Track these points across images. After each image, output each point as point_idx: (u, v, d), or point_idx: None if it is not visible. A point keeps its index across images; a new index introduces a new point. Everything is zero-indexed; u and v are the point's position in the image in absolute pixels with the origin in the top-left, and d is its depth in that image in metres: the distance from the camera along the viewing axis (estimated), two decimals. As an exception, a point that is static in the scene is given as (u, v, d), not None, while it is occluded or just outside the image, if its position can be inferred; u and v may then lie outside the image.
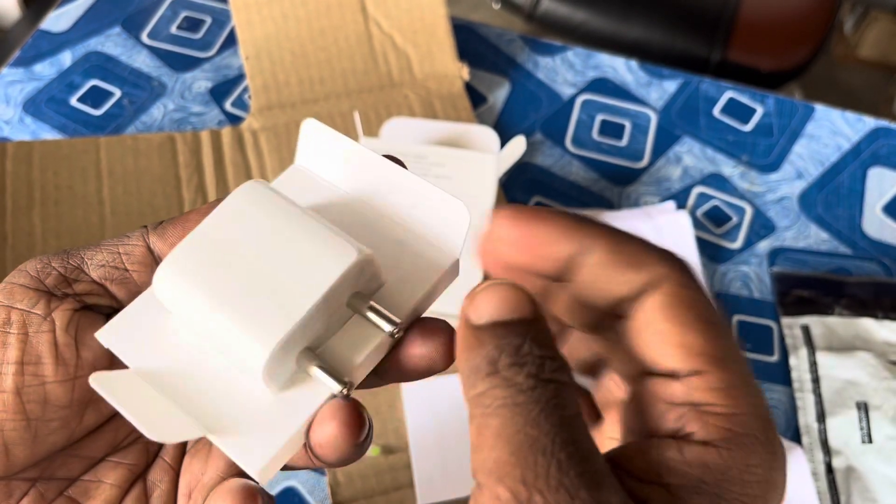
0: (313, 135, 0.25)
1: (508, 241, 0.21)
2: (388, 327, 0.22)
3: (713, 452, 0.19)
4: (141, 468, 0.25)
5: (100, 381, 0.22)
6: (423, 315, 0.24)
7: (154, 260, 0.25)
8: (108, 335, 0.23)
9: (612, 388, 0.25)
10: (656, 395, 0.20)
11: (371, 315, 0.22)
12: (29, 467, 0.23)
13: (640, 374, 0.21)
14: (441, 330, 0.23)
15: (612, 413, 0.25)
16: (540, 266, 0.21)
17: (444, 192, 0.24)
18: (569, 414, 0.18)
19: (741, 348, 0.20)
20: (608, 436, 0.25)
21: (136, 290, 0.24)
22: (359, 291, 0.22)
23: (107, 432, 0.25)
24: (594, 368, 0.26)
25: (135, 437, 0.25)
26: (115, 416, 0.25)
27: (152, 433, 0.21)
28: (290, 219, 0.22)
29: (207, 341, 0.23)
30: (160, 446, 0.26)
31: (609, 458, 0.20)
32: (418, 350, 0.22)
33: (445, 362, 0.23)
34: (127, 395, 0.22)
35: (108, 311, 0.25)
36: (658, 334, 0.20)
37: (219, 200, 0.24)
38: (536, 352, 0.19)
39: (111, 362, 0.24)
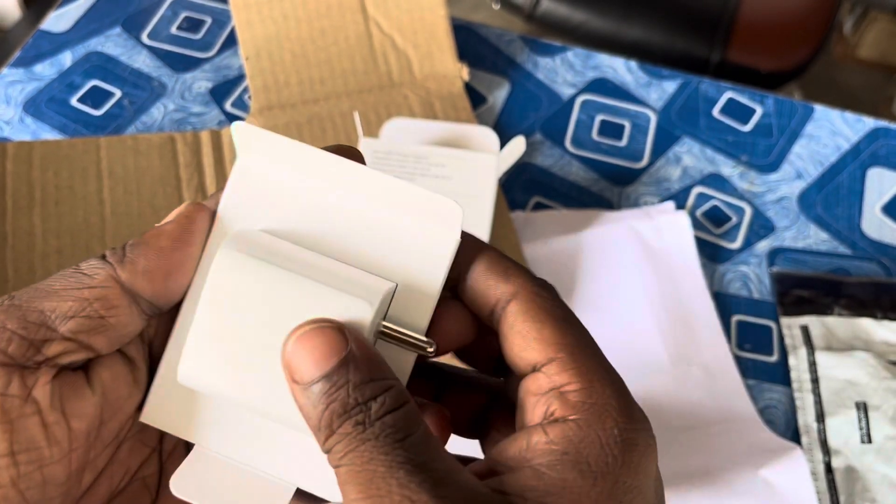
0: (249, 138, 0.24)
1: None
2: (422, 347, 0.23)
3: (572, 426, 0.21)
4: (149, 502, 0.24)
5: (176, 486, 0.22)
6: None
7: (129, 297, 0.22)
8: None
9: None
10: (528, 392, 0.22)
11: (396, 342, 0.23)
12: None
13: (517, 380, 0.23)
14: (461, 310, 0.24)
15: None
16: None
17: (404, 184, 0.24)
18: (402, 436, 0.20)
19: (591, 340, 0.23)
20: None
21: (117, 336, 0.23)
22: (380, 322, 0.23)
23: (103, 481, 0.24)
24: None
25: (131, 475, 0.25)
26: (108, 464, 0.24)
27: None
28: (288, 284, 0.22)
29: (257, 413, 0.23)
30: (159, 480, 0.25)
31: (488, 458, 0.22)
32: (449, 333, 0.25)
33: (473, 333, 0.25)
34: (214, 491, 0.23)
35: (84, 362, 0.23)
36: (518, 334, 0.23)
37: (187, 221, 0.23)
38: (361, 397, 0.20)
39: (101, 419, 0.23)
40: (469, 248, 0.24)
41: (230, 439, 0.23)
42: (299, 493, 0.24)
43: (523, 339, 0.23)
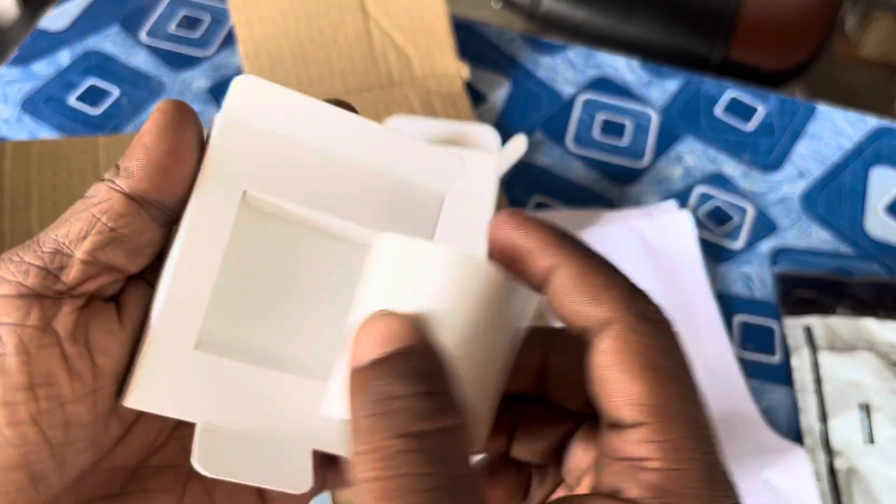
0: (247, 92, 0.23)
1: (498, 247, 0.21)
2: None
3: None
4: (187, 465, 0.22)
5: (203, 464, 0.21)
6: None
7: (135, 203, 0.21)
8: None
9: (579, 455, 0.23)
10: (606, 447, 0.19)
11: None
12: (61, 494, 0.21)
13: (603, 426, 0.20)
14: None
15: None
16: (523, 275, 0.21)
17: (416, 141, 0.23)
18: (447, 472, 0.17)
19: (697, 397, 0.19)
20: None
21: (134, 247, 0.21)
22: None
23: (135, 436, 0.22)
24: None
25: (167, 433, 0.23)
26: (140, 417, 0.23)
27: (299, 486, 0.21)
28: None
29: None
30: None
31: None
32: None
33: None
34: (239, 463, 0.21)
35: (114, 289, 0.22)
36: (604, 380, 0.19)
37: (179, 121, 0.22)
38: (412, 396, 0.18)
39: (130, 359, 0.22)
40: (551, 245, 0.20)
41: (236, 412, 0.22)
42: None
43: (608, 389, 0.19)
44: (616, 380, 0.19)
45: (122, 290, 0.22)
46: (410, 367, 0.18)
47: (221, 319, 0.23)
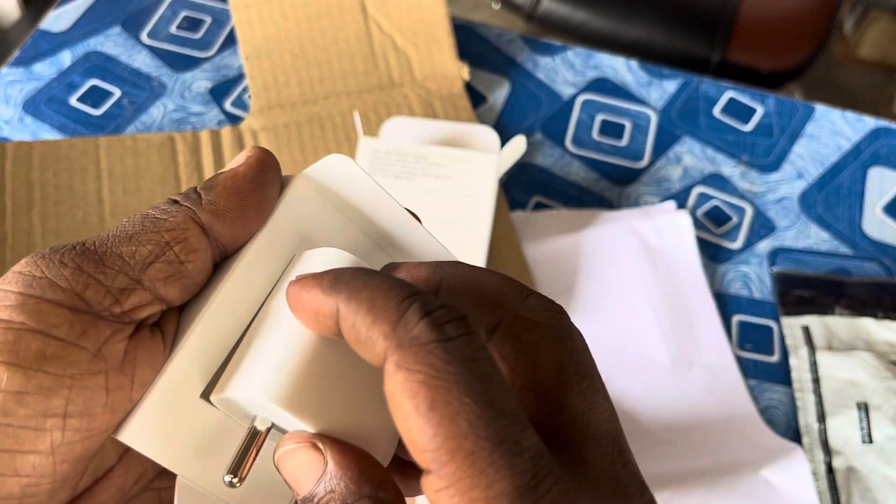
0: (337, 168, 0.23)
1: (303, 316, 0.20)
2: None
3: None
4: None
5: None
6: None
7: (207, 240, 0.20)
8: (135, 435, 0.19)
9: None
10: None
11: None
12: None
13: None
14: None
15: None
16: (315, 327, 0.20)
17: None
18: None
19: (479, 424, 0.16)
20: None
21: (190, 285, 0.20)
22: None
23: (114, 479, 0.21)
24: None
25: (146, 483, 0.22)
26: (122, 459, 0.21)
27: None
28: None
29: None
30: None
31: None
32: None
33: None
34: None
35: (157, 318, 0.20)
36: (398, 426, 0.17)
37: (260, 158, 0.22)
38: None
39: None
40: (324, 292, 0.19)
41: (219, 475, 0.21)
42: None
43: (401, 436, 0.17)
44: (400, 427, 0.17)
45: (161, 319, 0.21)
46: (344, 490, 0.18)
47: (235, 375, 0.21)
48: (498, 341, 0.20)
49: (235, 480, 0.19)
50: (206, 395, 0.21)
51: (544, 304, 0.20)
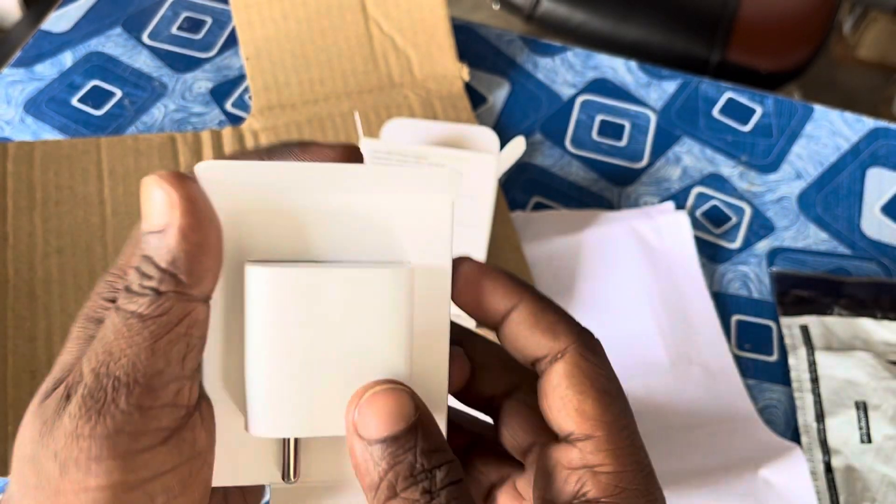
0: (215, 174, 0.22)
1: (463, 297, 0.24)
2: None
3: None
4: None
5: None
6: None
7: (203, 302, 0.21)
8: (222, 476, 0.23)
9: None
10: (559, 463, 0.23)
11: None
12: None
13: (543, 444, 0.24)
14: (459, 355, 0.25)
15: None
16: (484, 318, 0.24)
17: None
18: None
19: (632, 415, 0.23)
20: None
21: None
22: None
23: None
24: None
25: None
26: None
27: None
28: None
29: None
30: None
31: None
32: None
33: (467, 377, 0.26)
34: None
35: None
36: (560, 399, 0.23)
37: None
38: (427, 464, 0.21)
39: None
40: (510, 288, 0.24)
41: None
42: None
43: (564, 407, 0.23)
44: (572, 399, 0.23)
45: None
46: (423, 443, 0.21)
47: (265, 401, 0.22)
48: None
49: (293, 479, 0.22)
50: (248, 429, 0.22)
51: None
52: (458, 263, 0.24)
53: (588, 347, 0.23)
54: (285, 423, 0.22)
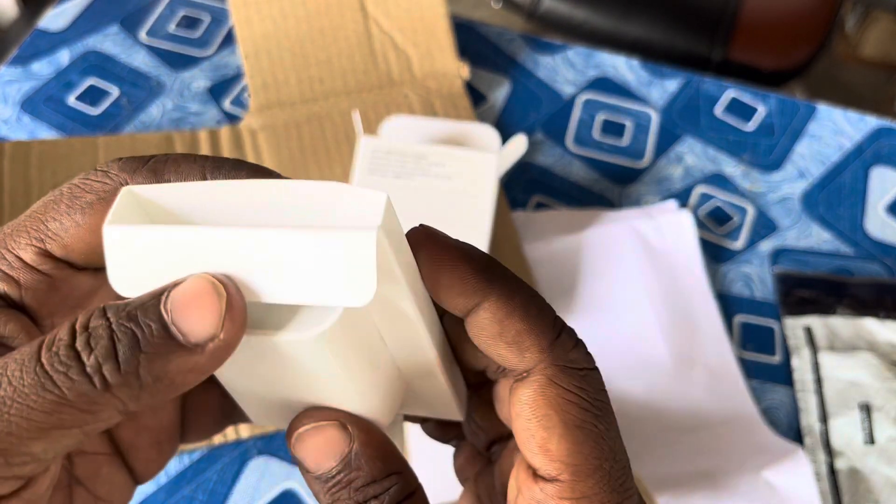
0: (131, 200, 0.19)
1: (424, 275, 0.20)
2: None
3: None
4: None
5: None
6: None
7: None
8: None
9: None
10: (520, 483, 0.20)
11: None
12: None
13: (505, 446, 0.22)
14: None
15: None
16: (447, 304, 0.20)
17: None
18: None
19: (614, 448, 0.19)
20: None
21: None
22: None
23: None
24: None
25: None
26: None
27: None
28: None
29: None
30: None
31: None
32: None
33: None
34: None
35: None
36: (525, 430, 0.19)
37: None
38: (362, 497, 0.20)
39: None
40: (472, 284, 0.20)
41: None
42: None
43: (527, 441, 0.19)
44: (535, 434, 0.19)
45: None
46: (358, 476, 0.20)
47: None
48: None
49: None
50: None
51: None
52: (416, 251, 0.20)
53: (560, 367, 0.19)
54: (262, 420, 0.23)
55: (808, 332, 0.54)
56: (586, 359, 0.20)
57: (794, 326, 0.55)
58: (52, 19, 0.68)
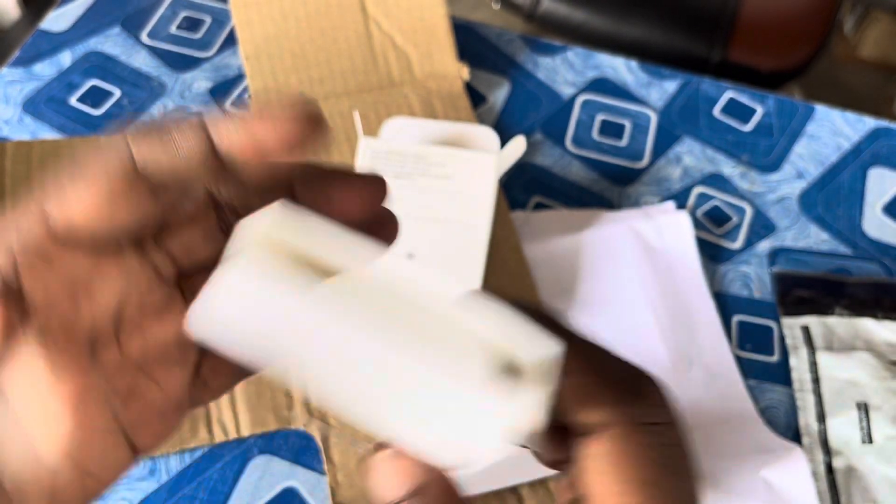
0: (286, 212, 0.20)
1: None
2: None
3: None
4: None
5: None
6: None
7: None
8: None
9: None
10: None
11: None
12: None
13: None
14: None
15: None
16: None
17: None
18: None
19: (691, 500, 0.20)
20: None
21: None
22: None
23: None
24: None
25: None
26: None
27: None
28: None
29: None
30: None
31: None
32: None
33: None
34: None
35: None
36: (599, 485, 0.20)
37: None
38: None
39: None
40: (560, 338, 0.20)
41: None
42: None
43: (603, 494, 0.19)
44: (609, 490, 0.19)
45: None
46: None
47: None
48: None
49: None
50: None
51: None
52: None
53: (637, 422, 0.20)
54: None
55: (806, 331, 0.55)
56: (663, 412, 0.20)
57: (792, 326, 0.55)
58: (54, 20, 0.68)
